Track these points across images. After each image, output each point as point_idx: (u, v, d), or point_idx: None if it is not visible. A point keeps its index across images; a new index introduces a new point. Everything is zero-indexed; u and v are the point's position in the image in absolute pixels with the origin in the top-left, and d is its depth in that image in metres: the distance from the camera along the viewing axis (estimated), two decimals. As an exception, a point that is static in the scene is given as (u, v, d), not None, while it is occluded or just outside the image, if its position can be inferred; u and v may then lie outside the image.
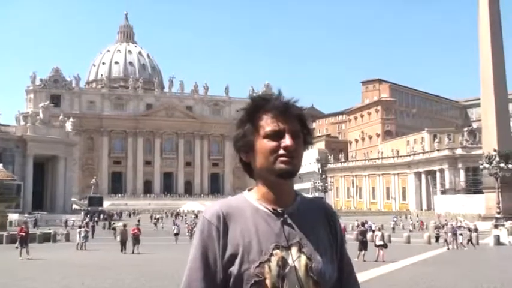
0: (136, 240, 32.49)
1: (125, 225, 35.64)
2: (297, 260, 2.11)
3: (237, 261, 2.09)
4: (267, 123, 2.16)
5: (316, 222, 2.27)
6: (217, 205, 2.22)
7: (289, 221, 2.18)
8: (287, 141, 2.12)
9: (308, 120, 2.31)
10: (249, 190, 2.30)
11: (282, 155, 2.12)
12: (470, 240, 38.09)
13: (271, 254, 2.09)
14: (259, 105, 2.22)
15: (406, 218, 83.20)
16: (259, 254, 2.08)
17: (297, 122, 2.20)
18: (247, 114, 2.23)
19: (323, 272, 2.13)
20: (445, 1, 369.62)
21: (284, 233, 2.14)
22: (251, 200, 2.23)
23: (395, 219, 74.07)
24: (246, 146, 2.21)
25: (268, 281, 2.06)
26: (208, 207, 2.26)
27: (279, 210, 2.19)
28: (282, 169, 2.12)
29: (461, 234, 38.29)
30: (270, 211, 2.18)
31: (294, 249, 2.12)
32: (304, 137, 2.23)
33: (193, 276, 2.13)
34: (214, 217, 2.16)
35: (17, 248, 29.99)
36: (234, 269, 2.09)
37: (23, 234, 29.91)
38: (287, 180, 2.19)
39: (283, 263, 2.08)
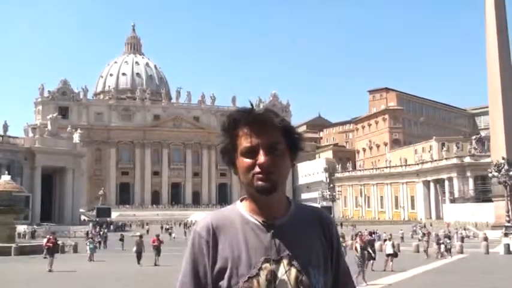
0: (157, 251, 31.33)
1: (141, 236, 34.45)
2: (287, 273, 2.07)
3: (226, 275, 2.07)
4: (242, 141, 2.14)
5: (309, 233, 2.22)
6: (208, 217, 2.22)
7: (279, 233, 2.14)
8: (260, 158, 2.09)
9: (291, 127, 2.23)
10: (241, 200, 2.27)
11: (257, 173, 2.09)
12: (449, 249, 38.21)
13: (260, 268, 2.06)
14: (235, 121, 2.17)
15: (424, 226, 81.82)
16: (248, 268, 2.06)
17: (277, 132, 2.15)
18: (225, 132, 2.20)
19: (314, 285, 2.09)
20: (452, 9, 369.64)
21: (274, 245, 2.11)
22: (242, 212, 2.20)
23: (414, 228, 73.03)
24: (229, 162, 2.21)
25: None
26: (200, 220, 2.25)
27: (269, 222, 2.15)
28: (258, 187, 2.09)
29: (442, 243, 38.47)
30: (260, 223, 2.15)
31: (285, 262, 2.09)
32: (291, 144, 2.19)
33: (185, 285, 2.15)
34: (204, 230, 2.15)
35: (45, 258, 29.92)
36: (223, 283, 2.07)
37: (51, 245, 29.06)
38: (269, 196, 2.14)
39: (272, 277, 2.05)
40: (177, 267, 2.13)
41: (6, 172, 58.87)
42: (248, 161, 2.11)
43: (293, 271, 2.08)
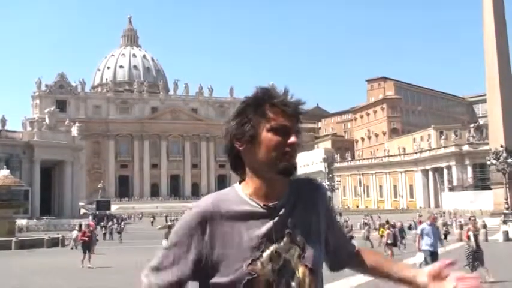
0: None
1: (169, 227, 31.74)
2: (289, 251, 2.07)
3: (228, 260, 2.01)
4: (276, 117, 2.09)
5: (307, 207, 2.20)
6: (208, 199, 2.15)
7: (279, 213, 2.11)
8: (293, 138, 2.08)
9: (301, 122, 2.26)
10: (240, 182, 2.21)
11: (286, 152, 2.07)
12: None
13: (263, 250, 2.03)
14: (265, 97, 2.14)
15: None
16: (250, 251, 2.02)
17: (298, 119, 2.19)
18: (253, 104, 2.13)
19: (316, 259, 2.11)
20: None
21: (275, 226, 2.08)
22: (242, 194, 2.14)
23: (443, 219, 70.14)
24: (245, 135, 2.10)
25: (261, 278, 2.00)
26: (199, 201, 2.17)
27: (271, 205, 2.11)
28: (285, 166, 2.07)
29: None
30: (260, 206, 2.10)
31: (286, 241, 2.07)
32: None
33: (167, 259, 2.07)
34: (202, 212, 2.08)
35: (71, 249, 27.88)
36: (226, 268, 2.01)
37: (86, 238, 26.36)
38: (288, 177, 2.14)
39: (276, 256, 2.04)
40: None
41: (5, 166, 58.77)
42: (279, 138, 2.07)
43: (295, 248, 2.08)
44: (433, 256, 15.82)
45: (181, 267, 2.04)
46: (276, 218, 2.10)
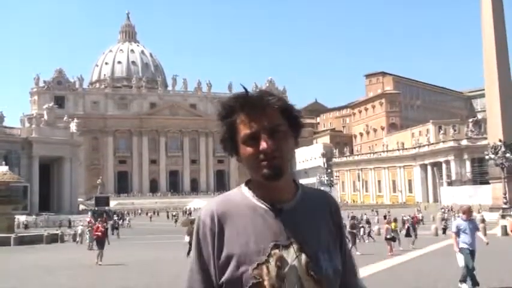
0: None
1: (192, 222, 29.90)
2: (297, 258, 2.00)
3: (234, 263, 1.99)
4: (242, 127, 2.05)
5: (318, 217, 2.15)
6: (212, 204, 2.13)
7: (288, 217, 2.06)
8: (263, 144, 1.99)
9: (289, 106, 2.14)
10: (246, 183, 2.18)
11: (261, 160, 2.00)
12: (369, 233, 39.47)
13: (270, 254, 1.98)
14: (231, 108, 2.10)
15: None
16: (257, 255, 1.98)
17: (276, 114, 2.06)
18: (221, 121, 2.12)
19: (324, 269, 2.02)
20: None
21: (283, 231, 2.03)
22: (249, 196, 2.11)
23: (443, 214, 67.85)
24: (230, 151, 2.12)
25: (266, 283, 1.95)
26: (204, 207, 2.16)
27: (278, 206, 2.07)
28: (264, 174, 2.01)
29: (362, 227, 39.71)
30: (269, 208, 2.07)
31: (294, 248, 2.01)
32: (292, 123, 2.11)
33: (193, 278, 2.10)
34: (208, 217, 2.07)
35: (90, 249, 26.82)
36: (231, 271, 1.99)
37: (99, 234, 25.33)
38: (275, 181, 2.05)
39: (282, 262, 1.98)
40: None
41: (4, 162, 58.78)
42: (250, 148, 2.02)
43: (303, 256, 2.00)
44: (472, 255, 13.75)
45: (206, 283, 2.08)
46: (284, 223, 2.04)
